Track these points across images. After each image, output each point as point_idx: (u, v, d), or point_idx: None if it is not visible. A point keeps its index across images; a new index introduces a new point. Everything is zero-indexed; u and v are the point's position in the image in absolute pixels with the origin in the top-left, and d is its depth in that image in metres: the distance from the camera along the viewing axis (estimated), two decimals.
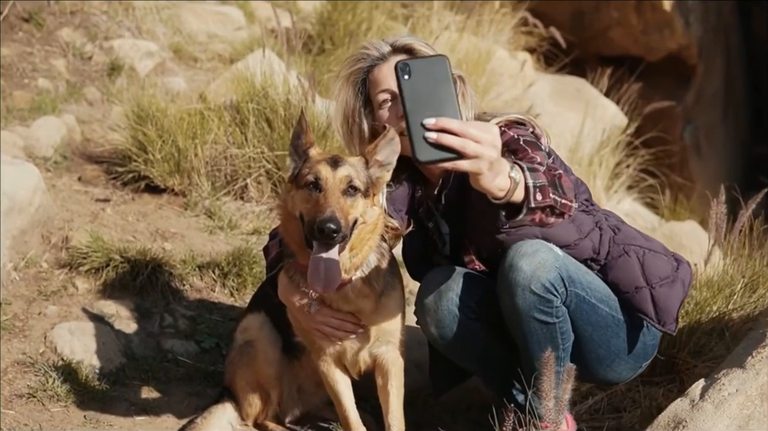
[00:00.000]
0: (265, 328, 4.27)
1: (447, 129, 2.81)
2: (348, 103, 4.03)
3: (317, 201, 3.55)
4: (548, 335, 3.82)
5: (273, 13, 9.46)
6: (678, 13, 11.14)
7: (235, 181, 6.26)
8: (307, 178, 3.61)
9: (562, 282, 3.76)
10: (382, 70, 3.95)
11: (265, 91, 6.32)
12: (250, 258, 5.51)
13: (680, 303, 4.03)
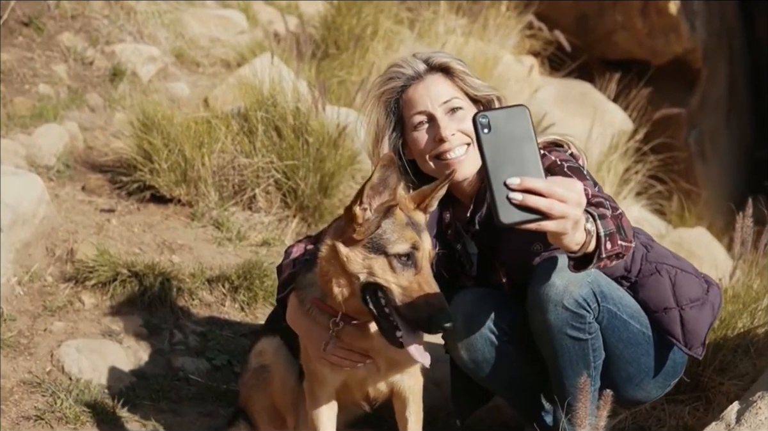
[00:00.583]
0: (280, 354, 4.07)
1: (532, 189, 2.69)
2: (379, 124, 3.81)
3: (419, 286, 3.26)
4: (580, 352, 3.70)
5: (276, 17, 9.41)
6: (684, 17, 11.03)
7: (243, 191, 6.11)
8: (397, 249, 3.29)
9: (595, 297, 3.63)
10: (417, 90, 3.74)
11: (274, 99, 6.16)
12: (261, 271, 5.37)
13: (709, 327, 3.91)
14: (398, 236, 3.29)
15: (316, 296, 3.55)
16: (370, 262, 3.30)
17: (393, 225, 3.31)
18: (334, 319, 3.51)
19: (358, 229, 3.31)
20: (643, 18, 11.22)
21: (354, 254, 3.32)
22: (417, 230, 3.34)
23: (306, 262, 3.68)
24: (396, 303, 3.28)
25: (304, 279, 3.62)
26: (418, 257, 3.30)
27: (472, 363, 3.92)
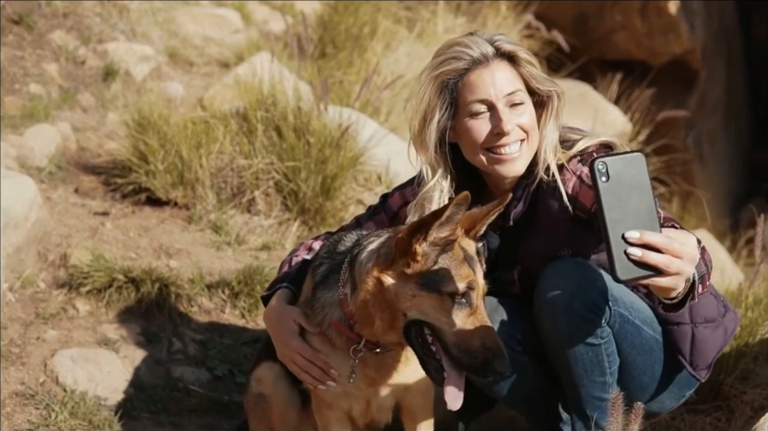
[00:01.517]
0: (280, 384, 3.79)
1: (651, 245, 2.62)
2: (430, 104, 3.47)
3: (475, 329, 3.05)
4: (594, 358, 3.54)
5: (270, 16, 9.25)
6: (683, 17, 10.92)
7: (242, 194, 5.90)
8: (453, 288, 3.05)
9: (605, 301, 3.47)
10: (482, 76, 3.43)
11: (274, 98, 5.97)
12: (262, 276, 5.16)
13: (718, 352, 3.76)
14: (454, 273, 3.06)
15: (336, 318, 3.33)
16: (421, 299, 3.08)
17: (450, 261, 3.07)
18: (356, 346, 3.31)
19: (413, 265, 3.08)
20: (643, 18, 11.09)
21: (404, 290, 3.08)
22: (472, 265, 3.13)
23: (324, 279, 3.43)
24: (448, 344, 3.07)
25: (322, 298, 3.39)
26: (473, 296, 3.09)
27: None
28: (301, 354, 3.44)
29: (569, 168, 3.49)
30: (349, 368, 3.37)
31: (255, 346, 4.90)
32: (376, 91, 6.95)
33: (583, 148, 3.50)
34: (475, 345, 3.03)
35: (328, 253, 3.48)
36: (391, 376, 3.43)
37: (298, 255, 3.77)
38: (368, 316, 3.19)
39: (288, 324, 3.49)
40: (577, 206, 3.48)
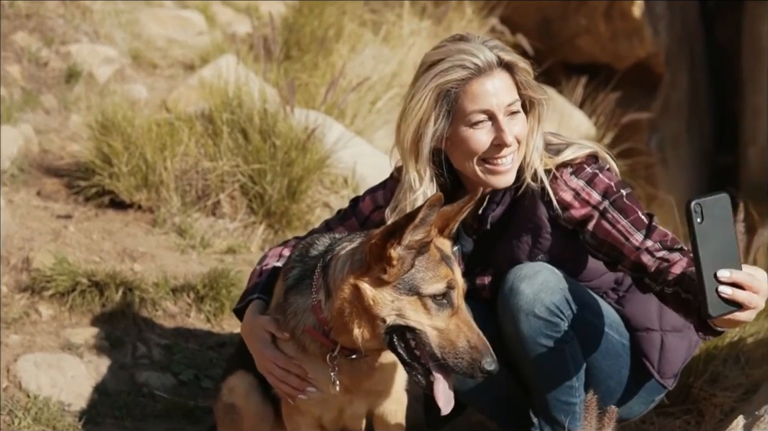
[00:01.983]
0: (252, 396, 3.69)
1: (738, 283, 2.81)
2: (426, 111, 3.37)
3: (458, 329, 3.01)
4: (559, 362, 3.53)
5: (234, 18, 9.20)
6: (647, 21, 10.99)
7: (207, 197, 5.84)
8: (433, 288, 3.01)
9: (568, 304, 3.47)
10: (484, 86, 3.34)
11: (240, 100, 5.92)
12: (228, 280, 5.11)
13: (683, 362, 3.79)
14: (433, 274, 3.02)
15: (310, 325, 3.26)
16: (401, 304, 3.02)
17: (427, 263, 3.03)
18: (331, 353, 3.25)
19: (390, 270, 3.02)
20: (607, 22, 11.15)
21: (382, 296, 3.03)
22: (450, 264, 3.09)
23: (296, 283, 3.36)
24: (432, 347, 3.03)
25: (295, 304, 3.31)
26: (454, 295, 3.05)
27: (458, 383, 3.70)
28: (276, 363, 3.38)
29: (562, 179, 3.46)
30: (323, 374, 3.31)
31: (221, 351, 4.86)
32: (342, 93, 6.91)
33: (572, 158, 3.47)
34: (461, 346, 3.00)
35: (300, 257, 3.41)
36: (365, 383, 3.39)
37: (268, 264, 3.69)
38: (345, 324, 3.12)
39: (259, 334, 3.43)
40: (564, 216, 3.47)
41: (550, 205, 3.47)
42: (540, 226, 3.50)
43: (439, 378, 3.07)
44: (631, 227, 3.35)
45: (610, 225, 3.38)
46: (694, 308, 3.09)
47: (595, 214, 3.40)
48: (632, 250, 3.35)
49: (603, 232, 3.40)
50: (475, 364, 2.99)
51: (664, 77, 11.64)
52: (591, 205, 3.41)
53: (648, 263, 3.32)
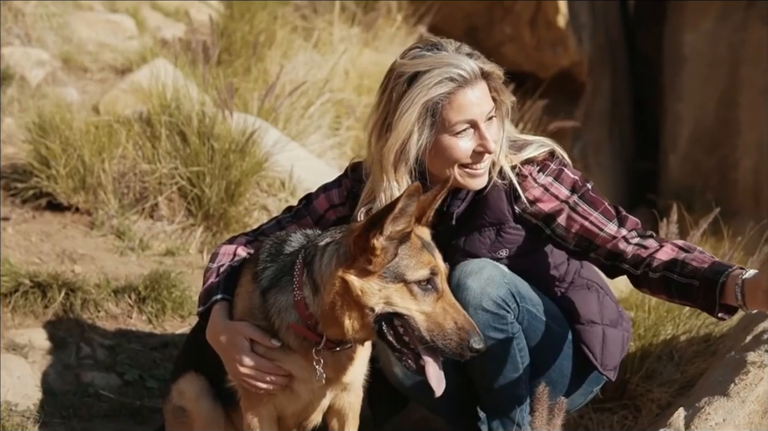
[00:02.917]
0: (203, 400, 3.72)
1: None
2: (410, 127, 3.43)
3: (444, 312, 3.10)
4: (506, 354, 3.65)
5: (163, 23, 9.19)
6: (571, 30, 11.17)
7: (145, 199, 5.84)
8: (418, 275, 3.10)
9: (513, 297, 3.60)
10: (468, 97, 3.42)
11: (178, 103, 5.93)
12: (169, 281, 5.14)
13: (621, 355, 3.93)
14: (416, 261, 3.11)
15: (293, 321, 3.31)
16: (388, 292, 3.11)
17: (410, 251, 3.12)
18: (316, 347, 3.30)
19: (374, 260, 3.10)
20: (532, 31, 11.31)
21: (369, 286, 3.11)
22: (431, 251, 3.18)
23: (274, 282, 3.38)
24: (421, 331, 3.11)
25: (277, 303, 3.35)
26: (438, 280, 3.13)
27: (408, 379, 3.80)
28: (259, 370, 3.40)
29: (531, 177, 3.59)
30: (303, 370, 3.38)
31: (164, 351, 4.87)
32: (276, 98, 6.94)
33: (535, 155, 3.60)
34: (449, 328, 3.09)
35: (271, 256, 3.43)
36: (343, 374, 3.45)
37: (222, 263, 3.69)
38: (336, 317, 3.18)
39: (239, 342, 3.43)
40: (531, 210, 3.59)
41: (515, 201, 3.60)
42: (503, 221, 3.62)
43: (429, 361, 3.15)
44: (603, 218, 3.55)
45: (582, 218, 3.56)
46: (695, 292, 3.33)
47: (564, 207, 3.57)
48: (608, 239, 3.53)
49: (575, 225, 3.56)
50: (464, 344, 3.08)
51: (587, 86, 11.83)
52: (560, 199, 3.57)
53: (625, 250, 3.50)
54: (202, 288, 3.66)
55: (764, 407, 3.55)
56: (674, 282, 3.40)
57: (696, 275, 3.35)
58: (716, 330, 4.81)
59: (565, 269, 3.87)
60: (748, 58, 11.56)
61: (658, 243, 3.50)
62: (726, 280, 3.26)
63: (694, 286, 3.34)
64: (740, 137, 11.63)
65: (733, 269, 3.30)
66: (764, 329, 3.94)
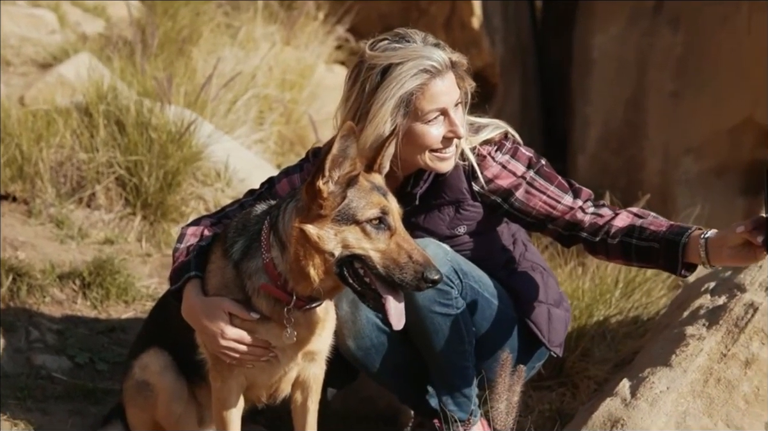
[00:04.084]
0: (167, 374, 3.81)
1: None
2: (385, 118, 3.53)
3: (398, 246, 3.22)
4: (453, 328, 3.79)
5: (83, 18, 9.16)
6: (485, 32, 11.34)
7: (82, 188, 5.86)
8: (369, 214, 3.22)
9: (456, 274, 3.75)
10: (438, 86, 3.57)
11: (116, 94, 5.96)
12: (113, 268, 5.19)
13: (564, 333, 4.13)
14: (366, 202, 3.23)
15: (264, 281, 3.42)
16: (343, 235, 3.23)
17: (359, 193, 3.25)
18: (288, 307, 3.40)
19: (324, 204, 3.24)
20: (447, 32, 11.44)
21: (325, 231, 3.24)
22: (382, 193, 3.30)
23: (244, 253, 3.49)
24: (378, 268, 3.22)
25: (248, 270, 3.46)
26: (390, 219, 3.25)
27: (360, 350, 3.92)
28: (241, 342, 3.49)
29: (489, 156, 3.77)
30: (277, 337, 3.48)
31: (111, 335, 4.92)
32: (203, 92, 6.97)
33: (492, 136, 3.80)
34: (403, 261, 3.21)
35: (238, 230, 3.55)
36: (314, 335, 3.55)
37: (190, 242, 3.76)
38: (301, 269, 3.30)
39: (218, 316, 3.50)
40: (490, 187, 3.77)
41: (473, 179, 3.76)
42: (462, 200, 3.78)
43: (388, 298, 3.26)
44: (559, 191, 3.76)
45: (540, 192, 3.76)
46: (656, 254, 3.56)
47: (522, 182, 3.76)
48: (566, 211, 3.74)
49: (533, 199, 3.77)
50: (419, 275, 3.20)
51: (499, 88, 12.01)
52: (517, 175, 3.76)
53: (583, 219, 3.73)
54: (172, 268, 3.73)
55: (705, 376, 3.75)
56: (633, 246, 3.61)
57: (655, 238, 3.58)
58: (644, 313, 5.05)
59: (512, 252, 4.06)
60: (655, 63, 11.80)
61: (612, 211, 3.72)
62: (688, 241, 3.50)
63: (654, 249, 3.57)
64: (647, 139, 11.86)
65: (692, 230, 3.52)
66: (700, 305, 4.15)
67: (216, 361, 3.60)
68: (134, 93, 6.10)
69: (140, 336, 4.10)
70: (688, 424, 3.60)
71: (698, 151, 11.65)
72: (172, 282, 3.69)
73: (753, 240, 3.31)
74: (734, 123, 11.30)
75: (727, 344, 3.83)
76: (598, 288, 5.02)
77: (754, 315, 3.86)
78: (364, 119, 3.55)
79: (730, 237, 3.38)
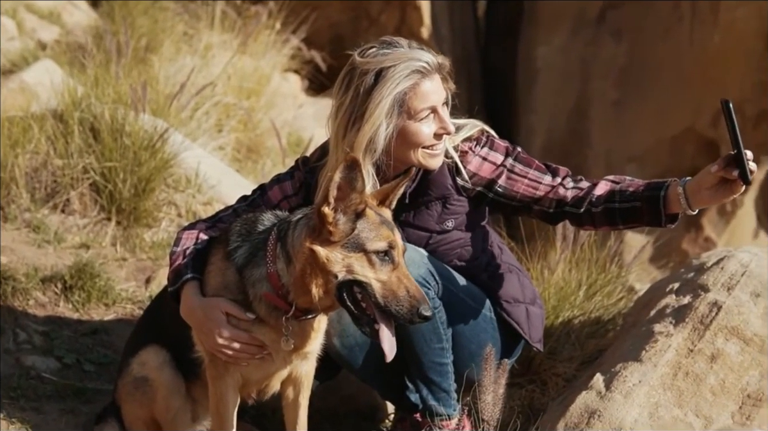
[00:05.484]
0: (165, 370, 3.97)
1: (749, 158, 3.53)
2: (380, 118, 3.75)
3: (399, 281, 3.42)
4: (431, 327, 4.00)
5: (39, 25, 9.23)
6: (434, 42, 11.54)
7: (57, 194, 5.96)
8: (376, 246, 3.42)
9: (432, 275, 3.96)
10: (428, 85, 3.82)
11: (90, 100, 6.07)
12: (93, 271, 5.30)
13: (542, 329, 4.38)
14: (375, 234, 3.43)
15: (266, 290, 3.60)
16: (349, 261, 3.42)
17: (368, 225, 3.45)
18: (286, 316, 3.59)
19: (333, 231, 3.43)
20: None
21: (334, 255, 3.43)
22: (390, 228, 3.51)
23: (249, 259, 3.68)
24: (377, 297, 3.42)
25: (252, 277, 3.64)
26: (395, 253, 3.46)
27: (345, 348, 4.13)
28: (238, 341, 3.67)
29: (471, 152, 4.01)
30: (275, 340, 3.67)
31: (95, 337, 5.03)
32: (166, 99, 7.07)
33: (471, 134, 4.05)
34: (401, 295, 3.42)
35: (241, 236, 3.73)
36: (308, 342, 3.75)
37: (187, 246, 3.92)
38: (304, 285, 3.49)
39: (216, 316, 3.69)
40: (473, 180, 4.01)
41: (458, 175, 4.00)
42: (448, 195, 4.01)
43: (382, 327, 3.48)
44: (538, 173, 4.02)
45: (521, 177, 4.01)
46: (639, 212, 3.84)
47: (503, 170, 4.01)
48: (548, 190, 4.00)
49: (516, 184, 4.02)
50: (414, 310, 3.42)
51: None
52: (498, 164, 4.01)
53: (566, 194, 3.99)
54: (170, 269, 3.89)
55: (674, 370, 4.01)
56: (617, 209, 3.89)
57: (636, 197, 3.85)
58: (605, 314, 5.29)
59: (490, 255, 4.29)
60: (598, 72, 12.05)
61: (590, 183, 4.00)
62: (666, 192, 3.78)
63: (637, 207, 3.84)
64: (590, 148, 12.11)
65: (669, 182, 3.80)
66: (666, 304, 4.41)
67: (212, 359, 3.77)
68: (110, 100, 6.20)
69: (135, 334, 4.24)
70: (660, 415, 3.86)
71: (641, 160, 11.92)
72: (170, 284, 3.86)
73: (728, 176, 3.57)
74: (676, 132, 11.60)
75: (694, 340, 4.09)
76: (563, 291, 5.24)
77: (718, 313, 4.13)
78: (360, 120, 3.75)
79: (706, 179, 3.65)
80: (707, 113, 11.18)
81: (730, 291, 4.22)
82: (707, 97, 11.17)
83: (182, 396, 4.00)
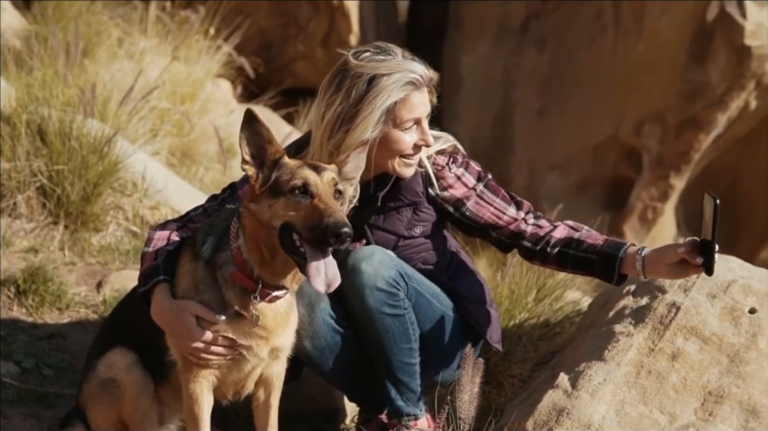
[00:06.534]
0: (133, 371, 3.94)
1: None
2: (370, 125, 3.84)
3: (315, 207, 3.40)
4: (401, 328, 4.10)
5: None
6: None
7: (4, 197, 5.89)
8: (292, 184, 3.43)
9: (402, 277, 4.06)
10: (417, 98, 3.90)
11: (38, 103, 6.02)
12: (46, 276, 5.27)
13: (499, 330, 4.53)
14: (290, 177, 3.46)
15: (233, 270, 3.62)
16: (275, 207, 3.45)
17: (285, 170, 3.49)
18: (254, 295, 3.60)
19: (254, 184, 3.52)
20: (324, 49, 11.71)
21: (261, 206, 3.49)
22: (312, 168, 3.52)
23: (215, 250, 3.70)
24: (300, 231, 3.41)
25: (218, 261, 3.66)
26: (312, 188, 3.45)
27: (316, 350, 4.17)
28: (209, 343, 3.68)
29: (446, 167, 4.13)
30: (248, 336, 3.70)
31: (51, 342, 4.99)
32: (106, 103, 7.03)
33: (444, 147, 4.15)
34: (316, 219, 3.39)
35: (206, 231, 3.76)
36: (279, 330, 3.76)
37: (158, 246, 3.92)
38: (257, 248, 3.55)
39: (186, 319, 3.68)
40: (443, 195, 4.14)
41: (429, 185, 4.11)
42: (418, 202, 4.13)
43: (311, 258, 3.43)
44: (504, 203, 4.17)
45: (488, 204, 4.16)
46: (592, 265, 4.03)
47: (472, 194, 4.15)
48: (510, 221, 4.15)
49: (482, 209, 4.16)
50: (329, 229, 3.35)
51: None
52: (469, 187, 4.15)
53: (526, 229, 4.15)
54: (140, 270, 3.89)
55: (637, 368, 4.13)
56: (571, 256, 4.07)
57: (593, 251, 4.03)
58: (554, 317, 5.42)
59: (450, 258, 4.40)
60: (521, 81, 12.24)
61: (550, 223, 4.16)
62: (625, 256, 3.96)
63: (592, 260, 4.03)
64: (514, 155, 12.29)
65: (627, 246, 3.98)
66: (624, 305, 4.52)
67: (186, 361, 3.77)
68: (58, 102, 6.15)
69: (101, 337, 4.20)
70: (626, 411, 3.98)
71: (564, 167, 12.11)
72: (141, 285, 3.85)
73: (692, 261, 3.78)
74: (598, 140, 11.82)
75: (654, 340, 4.22)
76: (514, 294, 5.36)
77: (677, 313, 4.27)
78: (349, 123, 3.83)
79: (669, 256, 3.86)
80: (630, 121, 11.43)
81: (687, 292, 4.36)
82: (630, 106, 11.42)
83: (150, 397, 3.98)
